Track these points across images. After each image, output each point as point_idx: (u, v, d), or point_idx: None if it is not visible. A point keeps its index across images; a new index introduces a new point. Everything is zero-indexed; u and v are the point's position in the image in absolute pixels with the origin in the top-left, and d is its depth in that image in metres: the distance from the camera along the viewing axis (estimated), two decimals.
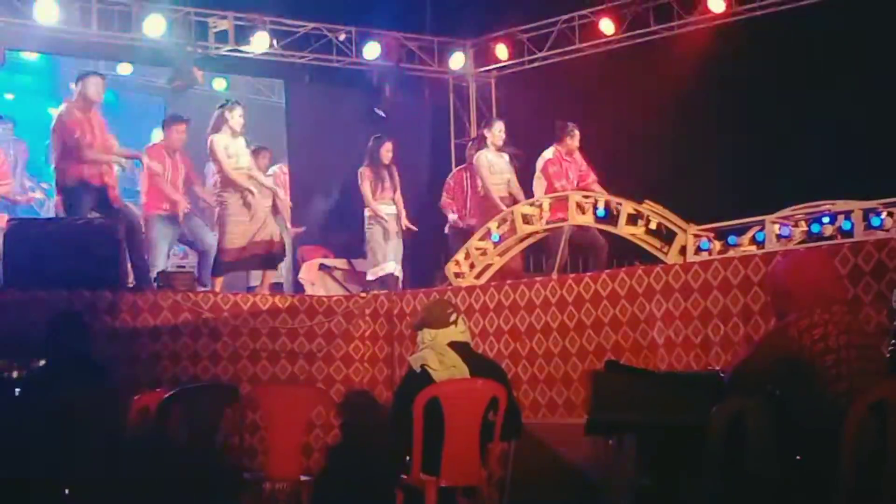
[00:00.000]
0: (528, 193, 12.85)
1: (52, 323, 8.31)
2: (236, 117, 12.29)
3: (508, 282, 11.10)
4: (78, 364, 8.13)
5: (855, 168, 12.35)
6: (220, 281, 12.04)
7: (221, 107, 12.39)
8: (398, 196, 13.32)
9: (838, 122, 13.24)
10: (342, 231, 14.18)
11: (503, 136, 13.40)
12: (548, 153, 12.92)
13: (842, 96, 13.25)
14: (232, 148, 12.24)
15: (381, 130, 13.94)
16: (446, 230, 13.72)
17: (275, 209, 12.90)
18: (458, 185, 13.83)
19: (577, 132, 12.96)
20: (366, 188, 13.20)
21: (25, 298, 9.94)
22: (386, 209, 13.24)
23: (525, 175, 13.15)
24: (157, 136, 13.49)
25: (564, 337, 10.34)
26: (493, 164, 13.22)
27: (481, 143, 13.53)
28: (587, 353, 10.17)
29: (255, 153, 13.24)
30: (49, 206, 13.36)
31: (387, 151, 13.35)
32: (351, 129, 14.58)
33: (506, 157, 13.38)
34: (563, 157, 12.92)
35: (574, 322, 10.30)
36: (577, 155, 12.99)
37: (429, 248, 13.75)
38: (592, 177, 12.90)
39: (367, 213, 13.24)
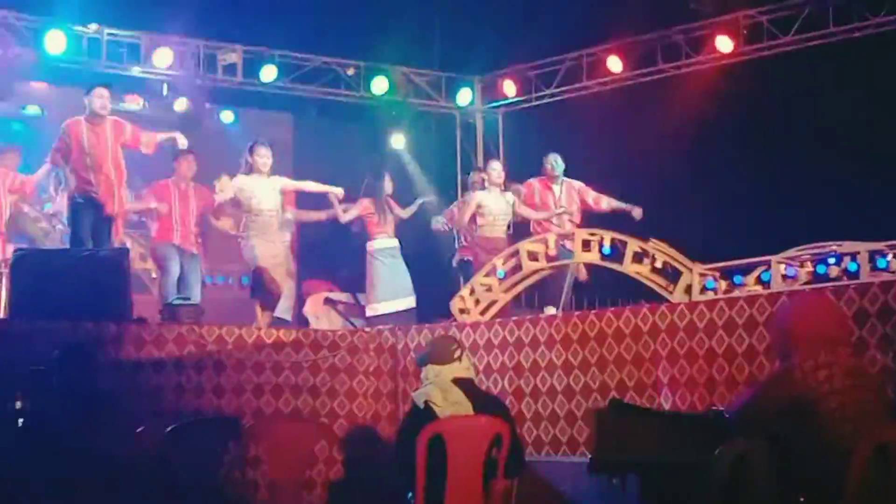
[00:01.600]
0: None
1: (57, 354, 8.31)
2: (262, 157, 12.35)
3: (513, 318, 11.07)
4: (82, 396, 8.13)
5: (861, 209, 12.36)
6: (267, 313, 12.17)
7: (248, 148, 12.45)
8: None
9: (844, 162, 13.26)
10: (346, 265, 14.18)
11: (500, 175, 13.43)
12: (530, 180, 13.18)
13: (849, 137, 13.27)
14: (257, 189, 12.29)
15: (386, 165, 13.97)
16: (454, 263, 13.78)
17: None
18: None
19: (549, 157, 13.21)
20: (367, 221, 13.26)
21: (31, 329, 9.92)
22: (387, 243, 13.26)
23: None
24: None
25: (569, 374, 10.31)
26: (485, 207, 13.20)
27: (480, 185, 13.54)
28: (591, 391, 10.14)
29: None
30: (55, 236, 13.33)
31: (387, 184, 13.38)
32: (358, 162, 14.60)
33: (507, 196, 13.40)
34: (543, 184, 13.19)
35: (578, 360, 10.27)
36: (575, 183, 13.12)
37: (433, 282, 13.73)
38: (592, 193, 13.03)
39: (368, 247, 13.28)
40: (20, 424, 8.41)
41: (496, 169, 13.49)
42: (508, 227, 13.40)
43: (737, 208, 14.01)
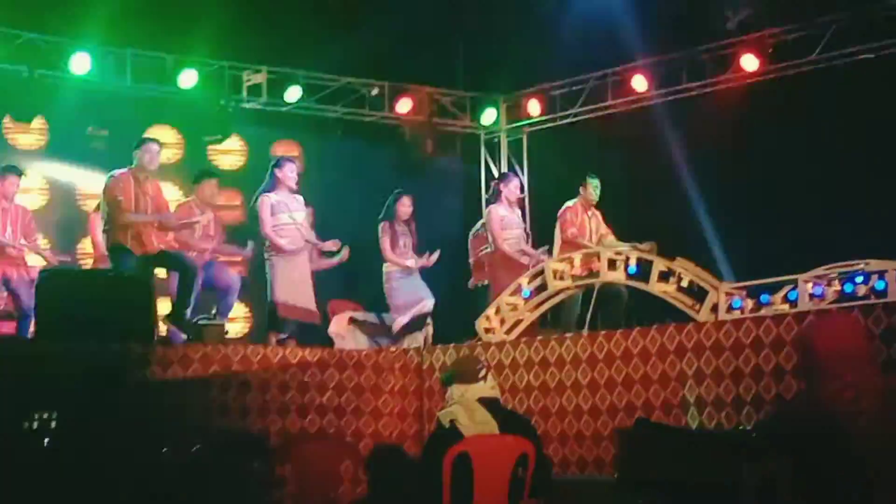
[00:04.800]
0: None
1: (83, 375, 8.32)
2: (288, 174, 12.36)
3: (539, 338, 11.06)
4: (107, 416, 8.14)
5: (889, 227, 12.30)
6: (274, 336, 12.08)
7: (274, 165, 12.46)
8: (416, 262, 13.32)
9: (872, 180, 13.20)
10: (370, 285, 14.17)
11: (518, 192, 13.40)
12: (570, 202, 12.98)
13: (876, 155, 13.22)
14: (283, 205, 12.29)
15: (411, 185, 13.97)
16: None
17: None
18: (477, 241, 13.84)
19: (590, 182, 12.96)
20: (385, 243, 13.22)
21: (57, 349, 9.94)
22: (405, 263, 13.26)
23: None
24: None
25: (595, 394, 10.29)
26: (505, 219, 13.19)
27: (496, 197, 13.47)
28: (617, 410, 10.12)
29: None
30: None
31: (405, 207, 13.35)
32: (382, 183, 14.61)
33: (518, 212, 13.40)
34: (583, 207, 12.94)
35: (605, 379, 10.26)
36: (599, 215, 13.02)
37: (458, 303, 13.71)
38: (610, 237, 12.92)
39: (385, 268, 13.26)
40: (46, 444, 8.42)
41: (517, 185, 13.49)
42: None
43: (763, 226, 13.95)
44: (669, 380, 9.87)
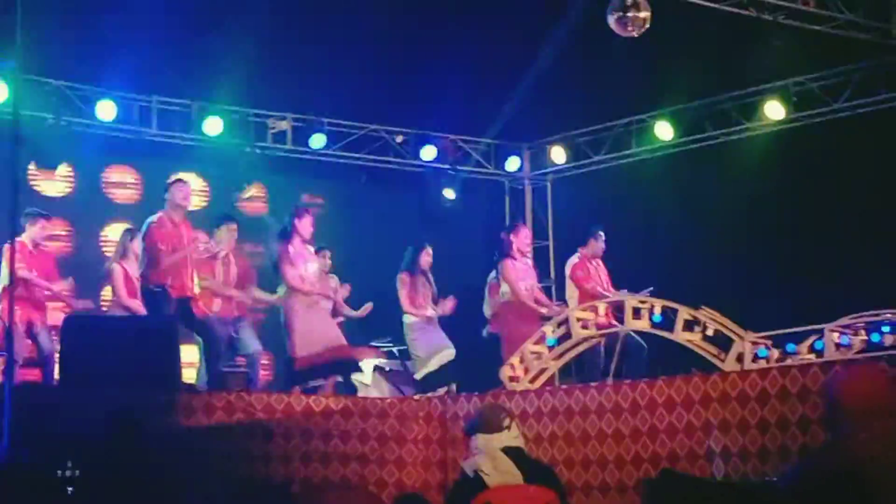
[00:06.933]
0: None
1: (106, 422, 8.31)
2: (306, 224, 12.39)
3: (563, 387, 11.03)
4: (131, 464, 8.13)
5: None
6: (296, 390, 12.04)
7: (293, 215, 12.48)
8: (434, 311, 13.30)
9: None
10: (394, 334, 14.14)
11: (528, 242, 13.42)
12: (573, 259, 13.12)
13: None
14: (300, 256, 12.31)
15: (436, 232, 13.97)
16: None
17: (334, 312, 13.03)
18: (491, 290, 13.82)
19: (601, 236, 12.97)
20: (403, 295, 13.20)
21: (81, 396, 9.94)
22: (421, 314, 13.23)
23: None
24: None
25: (619, 444, 10.24)
26: (520, 270, 13.21)
27: (508, 248, 13.42)
28: (642, 460, 10.06)
29: (315, 254, 13.30)
30: None
31: (426, 257, 13.33)
32: (406, 230, 14.61)
33: (529, 262, 13.40)
34: (589, 260, 12.98)
35: (629, 429, 10.20)
36: (601, 264, 13.02)
37: (480, 352, 13.66)
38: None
39: (406, 319, 13.23)
40: (69, 492, 8.40)
41: (527, 235, 13.51)
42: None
43: (789, 275, 13.91)
44: (695, 430, 9.81)
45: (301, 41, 14.25)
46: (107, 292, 14.06)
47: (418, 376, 13.22)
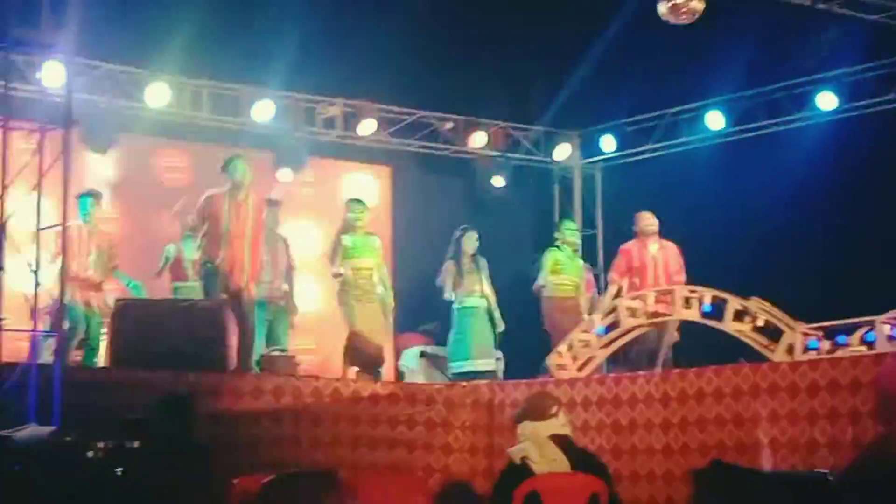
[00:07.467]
0: None
1: (155, 404, 8.35)
2: (360, 215, 12.47)
3: (611, 375, 11.00)
4: (179, 446, 8.15)
5: None
6: (353, 370, 12.09)
7: (348, 205, 12.57)
8: (487, 288, 13.25)
9: None
10: (441, 319, 14.15)
11: (574, 233, 13.39)
12: (627, 243, 12.96)
13: None
14: (357, 245, 12.36)
15: (485, 220, 13.95)
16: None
17: None
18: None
19: (643, 219, 12.82)
20: (447, 280, 13.21)
21: (131, 378, 10.00)
22: (471, 301, 13.19)
23: None
24: None
25: (667, 433, 10.20)
26: (560, 263, 13.18)
27: (554, 242, 13.47)
28: (690, 450, 10.01)
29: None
30: None
31: (471, 242, 13.31)
32: (455, 216, 14.60)
33: (580, 261, 13.39)
34: (640, 244, 12.83)
35: (677, 418, 10.16)
36: (671, 248, 12.81)
37: (530, 339, 13.65)
38: (680, 276, 12.69)
39: (455, 304, 13.24)
40: (118, 473, 8.44)
41: (570, 227, 13.49)
42: (577, 287, 13.37)
43: (841, 266, 13.82)
44: (743, 420, 9.75)
45: (352, 27, 14.28)
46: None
47: (451, 370, 13.18)
